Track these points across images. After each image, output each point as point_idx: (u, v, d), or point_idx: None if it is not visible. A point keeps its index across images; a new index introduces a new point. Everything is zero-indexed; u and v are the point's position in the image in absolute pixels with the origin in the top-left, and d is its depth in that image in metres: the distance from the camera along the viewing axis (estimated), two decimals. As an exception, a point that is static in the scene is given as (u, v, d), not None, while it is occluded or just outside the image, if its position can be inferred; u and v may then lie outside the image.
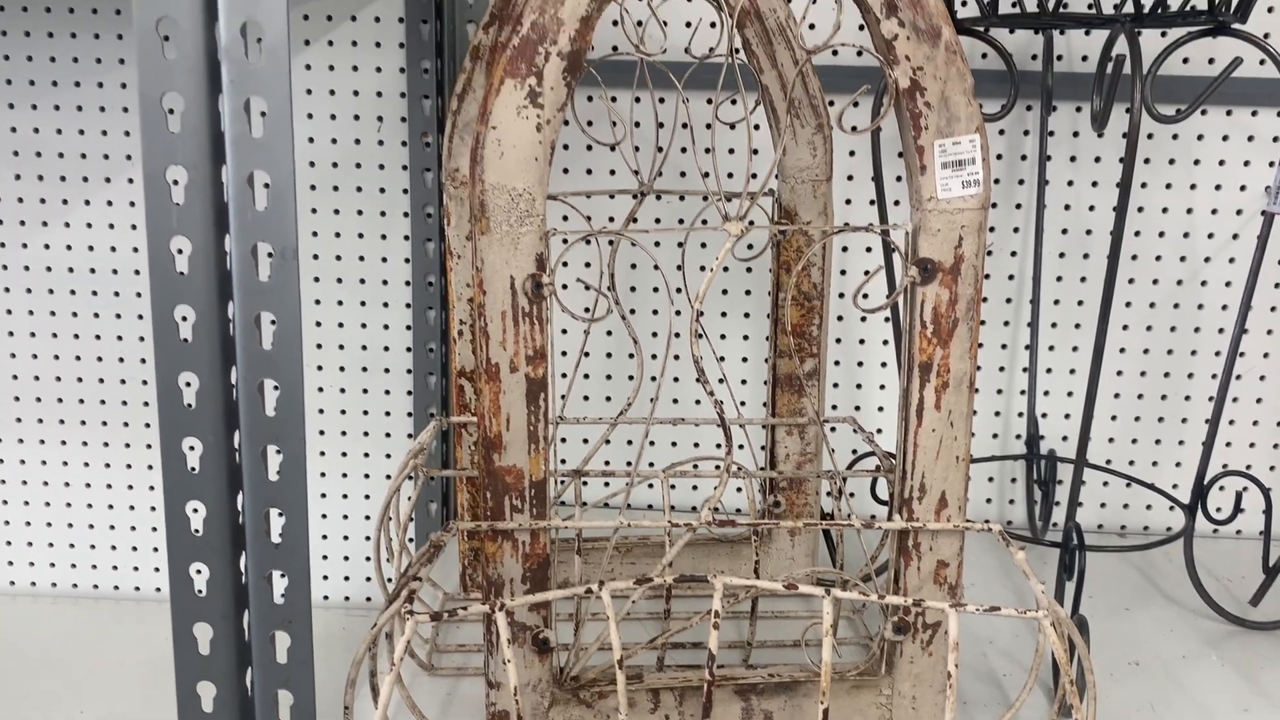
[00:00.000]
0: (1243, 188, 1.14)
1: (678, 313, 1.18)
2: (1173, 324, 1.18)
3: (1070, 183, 1.15)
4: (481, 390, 0.72)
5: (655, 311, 1.18)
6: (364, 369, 1.22)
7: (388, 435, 1.24)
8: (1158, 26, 0.84)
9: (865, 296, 1.14)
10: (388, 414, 1.23)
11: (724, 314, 1.18)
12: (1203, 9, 0.83)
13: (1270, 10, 1.10)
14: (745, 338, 1.20)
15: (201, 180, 0.58)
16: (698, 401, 1.21)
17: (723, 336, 1.19)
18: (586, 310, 1.11)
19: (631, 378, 1.20)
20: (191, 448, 0.61)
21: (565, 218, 1.15)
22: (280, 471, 0.62)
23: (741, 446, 1.17)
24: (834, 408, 1.20)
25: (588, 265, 1.18)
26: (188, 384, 0.60)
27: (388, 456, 1.25)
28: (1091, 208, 1.15)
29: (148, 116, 0.57)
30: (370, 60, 1.15)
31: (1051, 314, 1.18)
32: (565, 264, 1.17)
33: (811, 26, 1.11)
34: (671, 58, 1.10)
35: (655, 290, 1.17)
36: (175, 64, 0.56)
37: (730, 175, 1.14)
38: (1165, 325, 1.18)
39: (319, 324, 1.21)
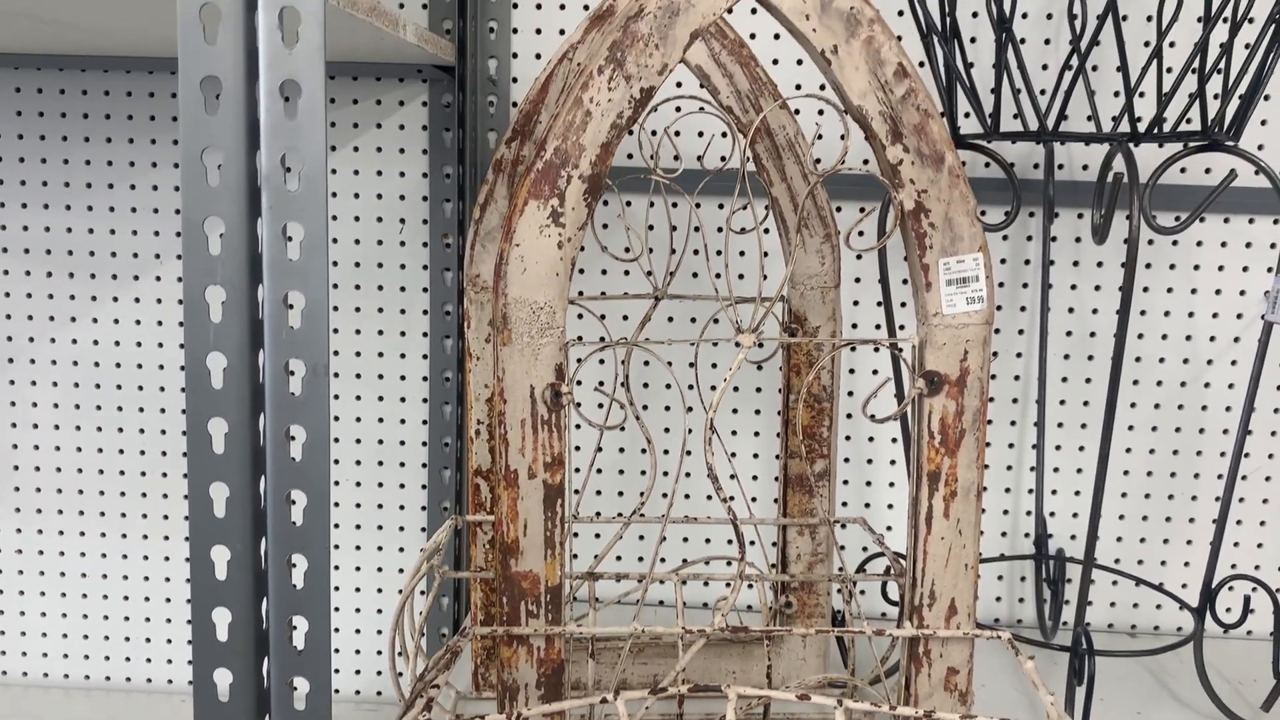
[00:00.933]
0: (1242, 292, 1.16)
1: (689, 409, 1.20)
2: (1177, 425, 1.19)
3: (1073, 286, 1.18)
4: (500, 496, 0.74)
5: (668, 408, 1.21)
6: (380, 463, 1.24)
7: (402, 529, 1.25)
8: (1153, 143, 0.87)
9: (874, 397, 1.16)
10: (402, 507, 1.25)
11: (735, 410, 1.21)
12: (1196, 129, 0.87)
13: (1264, 123, 1.13)
14: (756, 434, 1.22)
15: (238, 299, 0.61)
16: (709, 497, 1.23)
17: (734, 433, 1.21)
18: (600, 407, 1.13)
19: (644, 473, 1.22)
20: (219, 555, 0.62)
21: (580, 316, 1.18)
22: (305, 579, 0.63)
23: (753, 543, 1.18)
24: (844, 505, 1.22)
25: (602, 362, 1.20)
26: (218, 493, 0.62)
27: (401, 550, 1.26)
28: (1095, 311, 1.18)
29: (190, 239, 0.60)
30: (394, 165, 1.19)
31: (1058, 414, 1.20)
32: (579, 360, 1.20)
33: (819, 136, 1.15)
34: (686, 164, 1.14)
35: (668, 386, 1.20)
36: (218, 191, 0.60)
37: (742, 276, 1.17)
38: (1170, 426, 1.19)
39: (337, 418, 1.23)
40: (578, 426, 1.21)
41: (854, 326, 1.18)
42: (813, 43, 0.71)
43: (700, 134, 1.14)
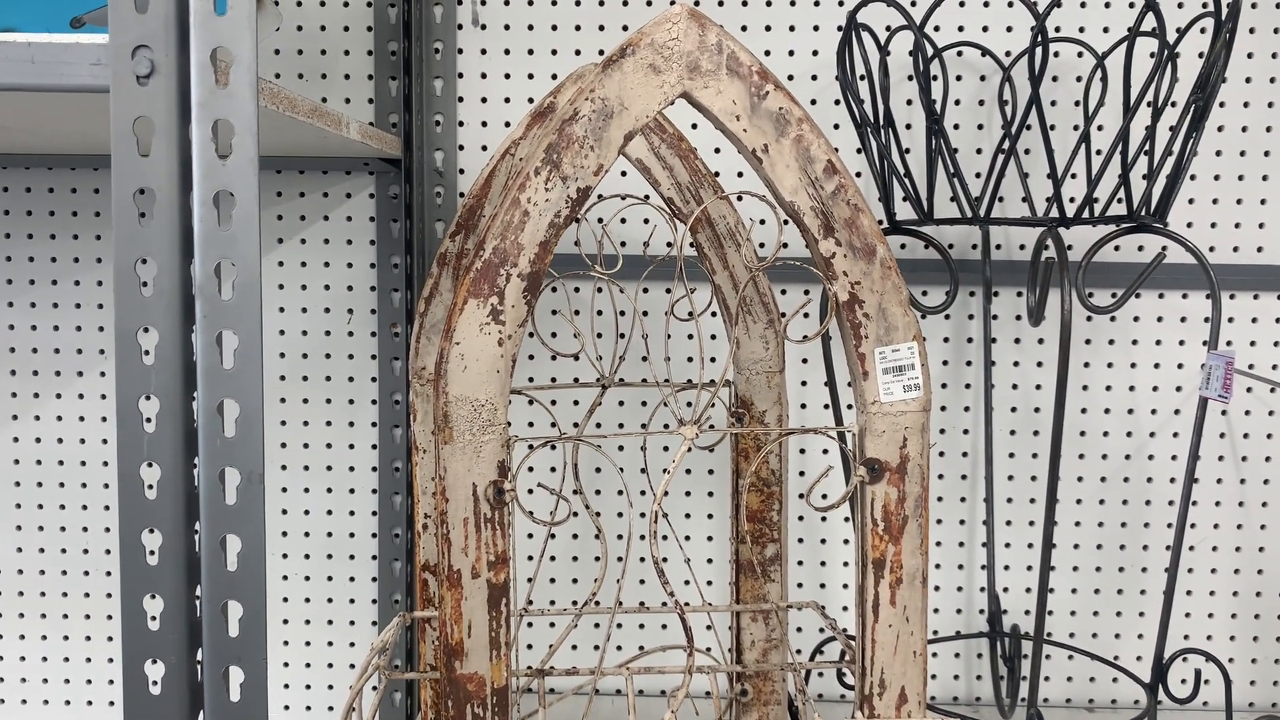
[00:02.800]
0: (1180, 365, 1.19)
1: (641, 493, 1.20)
2: (1124, 497, 1.21)
3: (1016, 363, 1.19)
4: (443, 597, 0.73)
5: (620, 492, 1.21)
6: (329, 555, 1.23)
7: (353, 623, 1.23)
8: (1082, 226, 0.89)
9: (818, 485, 1.16)
10: (353, 601, 1.23)
11: (688, 493, 1.21)
12: (1123, 213, 0.89)
13: (1191, 201, 1.17)
14: (710, 516, 1.22)
15: (172, 408, 0.60)
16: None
17: (687, 515, 1.21)
18: (552, 493, 1.13)
19: (598, 559, 1.21)
20: (153, 670, 0.61)
21: (531, 402, 1.18)
22: (242, 692, 0.62)
23: (709, 627, 1.17)
24: (799, 585, 1.22)
25: (553, 448, 1.20)
26: (152, 606, 0.61)
27: (352, 645, 1.24)
28: (1038, 386, 1.20)
29: (123, 349, 0.60)
30: (342, 257, 1.19)
31: (1006, 489, 1.21)
32: (530, 446, 1.20)
33: (762, 221, 1.17)
34: (631, 250, 1.15)
35: (621, 470, 1.20)
36: (151, 300, 0.60)
37: (690, 359, 1.18)
38: (1117, 499, 1.21)
39: (285, 510, 1.22)
40: (529, 535, 1.20)
41: (803, 407, 1.19)
42: (744, 142, 0.72)
43: (646, 220, 1.15)
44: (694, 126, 1.17)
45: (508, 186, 0.72)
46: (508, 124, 1.18)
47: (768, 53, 1.16)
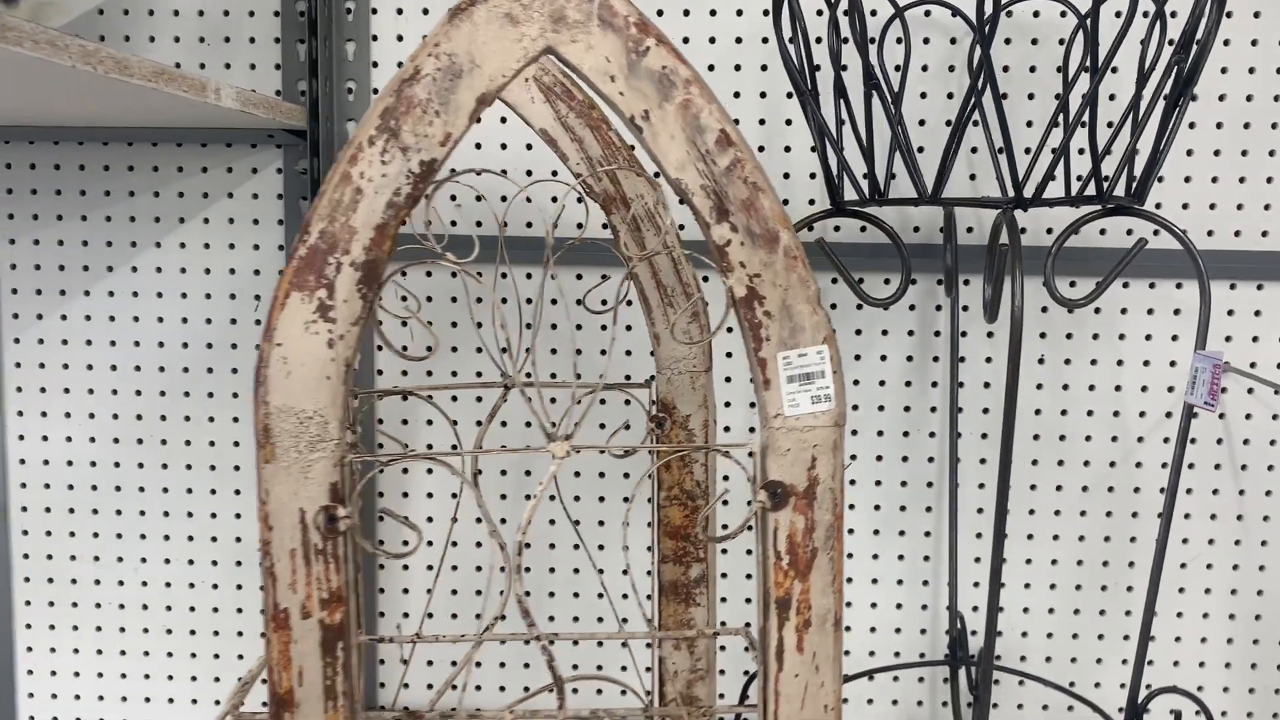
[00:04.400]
0: (1172, 363, 1.07)
1: (564, 501, 1.09)
2: (1108, 509, 1.09)
3: (989, 359, 1.08)
4: (269, 639, 0.63)
5: (503, 519, 1.10)
6: (238, 563, 1.13)
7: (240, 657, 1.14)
8: (1042, 207, 0.77)
9: (724, 527, 1.05)
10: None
11: (602, 498, 1.10)
12: (1091, 193, 0.77)
13: (1187, 180, 1.04)
14: (627, 547, 1.11)
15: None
16: (576, 619, 1.11)
17: (601, 522, 1.10)
18: (404, 520, 1.02)
19: (529, 592, 1.11)
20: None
21: (429, 396, 1.08)
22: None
23: (624, 646, 1.07)
24: (724, 624, 1.11)
25: (402, 469, 1.10)
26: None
27: (217, 680, 1.14)
28: (1013, 385, 1.08)
29: None
30: (248, 238, 1.09)
31: (977, 498, 1.09)
32: (381, 468, 1.10)
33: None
34: (536, 232, 1.04)
35: (528, 473, 1.09)
36: None
37: (603, 352, 1.07)
38: (1100, 510, 1.09)
39: (190, 514, 1.13)
40: (381, 567, 1.10)
41: (726, 405, 1.07)
42: (620, 107, 0.61)
43: (554, 199, 1.04)
44: (631, 95, 1.05)
45: (337, 160, 0.61)
46: (426, 92, 1.07)
47: (713, 12, 1.04)
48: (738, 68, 1.04)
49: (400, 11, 1.06)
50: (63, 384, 1.11)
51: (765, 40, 1.04)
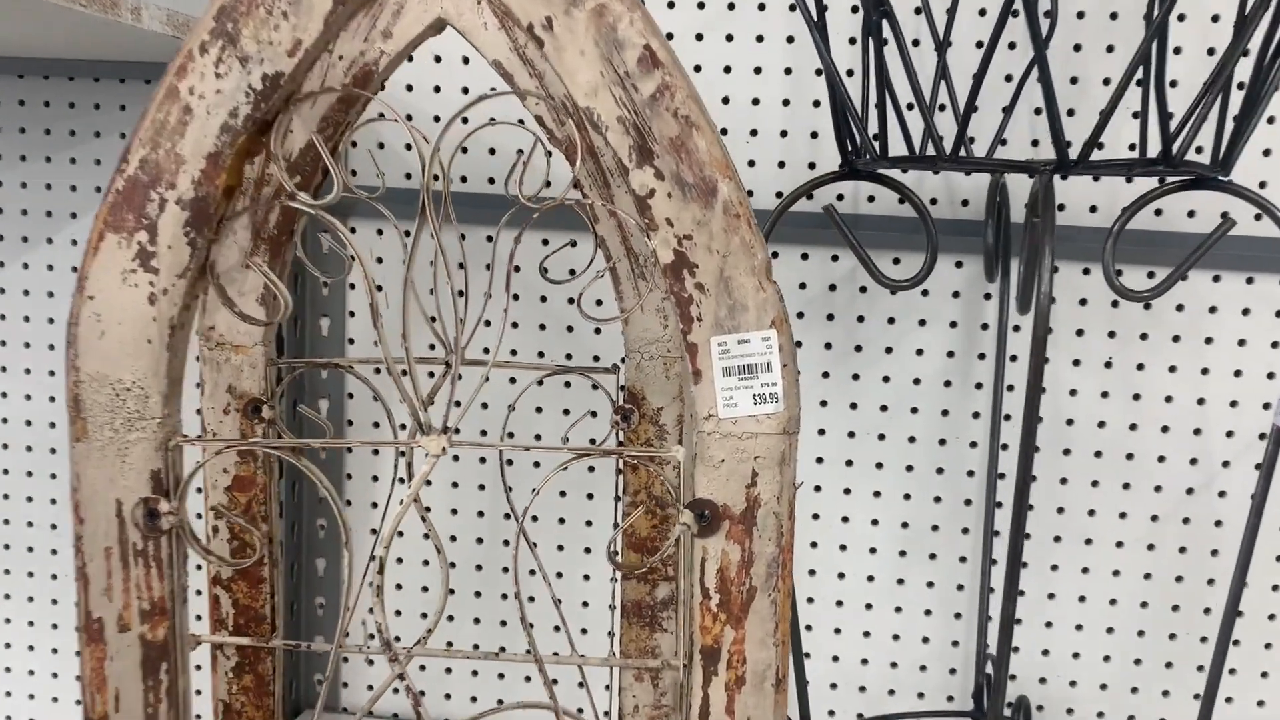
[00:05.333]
0: (1270, 375, 0.89)
1: (509, 542, 0.97)
2: (1181, 543, 0.92)
3: (1045, 360, 0.91)
4: (82, 653, 0.52)
5: (481, 513, 0.98)
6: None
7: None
8: (1094, 175, 0.61)
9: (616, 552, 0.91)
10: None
11: (563, 493, 0.97)
12: (1151, 156, 0.61)
13: (1266, 153, 0.86)
14: (588, 550, 0.98)
15: None
16: (532, 625, 0.99)
17: (562, 520, 0.97)
18: (227, 512, 0.91)
19: (480, 594, 0.99)
20: None
21: (351, 368, 0.96)
22: None
23: (582, 684, 0.94)
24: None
25: (402, 427, 0.98)
26: None
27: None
28: (1074, 392, 0.91)
29: None
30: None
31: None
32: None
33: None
34: (494, 190, 0.91)
35: (482, 482, 0.97)
36: None
37: (570, 329, 0.94)
38: (1171, 545, 0.92)
39: (54, 500, 1.03)
40: (198, 567, 0.99)
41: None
42: (514, 13, 0.48)
43: (520, 151, 0.91)
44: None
45: (165, 73, 0.49)
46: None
47: (734, -58, 0.90)
48: (761, 7, 0.89)
49: (385, -63, 0.94)
50: (23, 338, 1.03)
51: (794, -25, 0.89)
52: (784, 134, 0.90)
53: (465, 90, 0.93)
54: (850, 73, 0.89)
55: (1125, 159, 0.62)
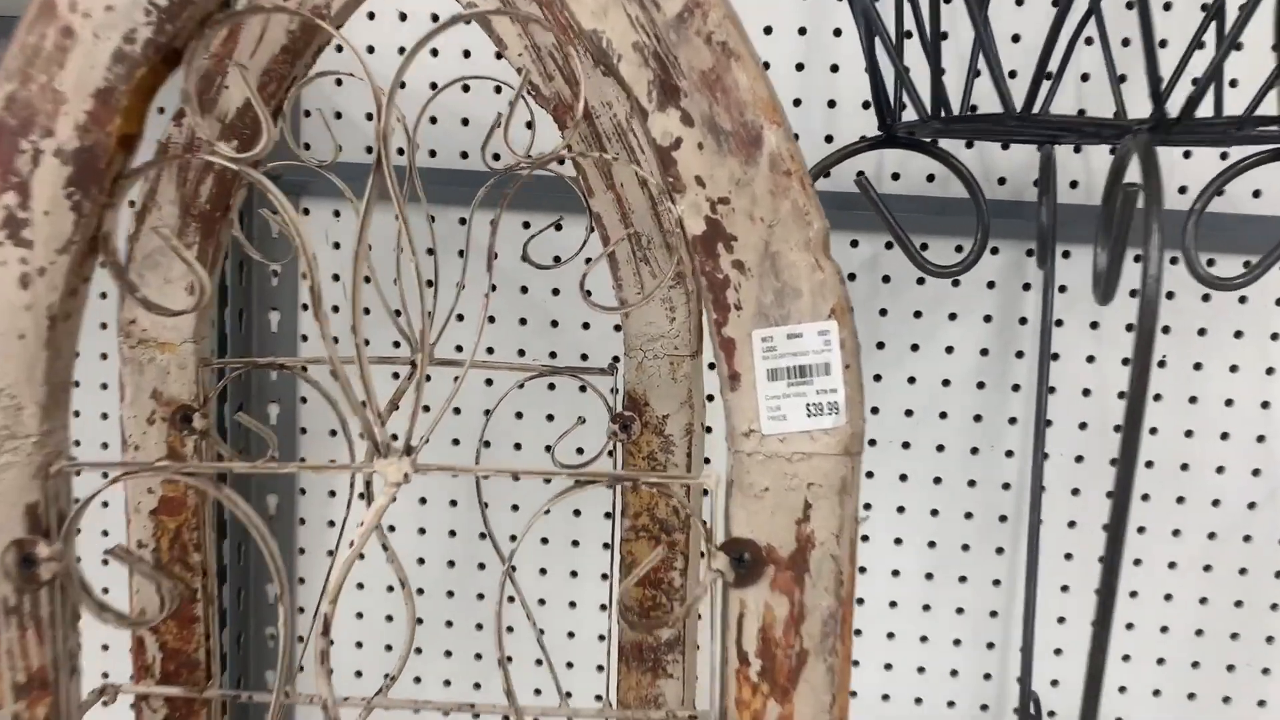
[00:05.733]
0: (1345, 376, 0.79)
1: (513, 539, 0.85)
2: (1242, 564, 0.82)
3: (1090, 358, 0.81)
4: (-63, 739, 0.40)
5: (453, 532, 0.86)
6: None
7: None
8: (1191, 142, 0.51)
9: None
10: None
11: (544, 539, 0.86)
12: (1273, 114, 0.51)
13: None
14: (574, 574, 0.87)
15: None
16: (510, 658, 0.88)
17: (545, 540, 0.86)
18: (124, 556, 0.80)
19: (451, 623, 0.88)
20: None
21: (304, 369, 0.85)
22: None
23: None
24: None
25: (363, 436, 0.86)
26: None
27: None
28: (1122, 394, 0.81)
29: None
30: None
31: (1064, 539, 0.83)
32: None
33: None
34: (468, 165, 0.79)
35: (454, 503, 0.85)
36: None
37: (554, 324, 0.82)
38: (1231, 565, 0.82)
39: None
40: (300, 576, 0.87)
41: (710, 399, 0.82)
42: (500, -94, 0.37)
43: (499, 115, 0.80)
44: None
45: (38, -19, 0.37)
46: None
47: (742, -117, 0.79)
48: (773, -43, 0.78)
49: (343, -123, 0.82)
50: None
51: (811, -79, 0.78)
52: (798, 103, 0.79)
53: (434, 53, 0.81)
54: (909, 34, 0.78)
55: (1235, 117, 0.51)
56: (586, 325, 0.82)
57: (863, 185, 0.61)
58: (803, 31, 0.79)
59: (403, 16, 0.81)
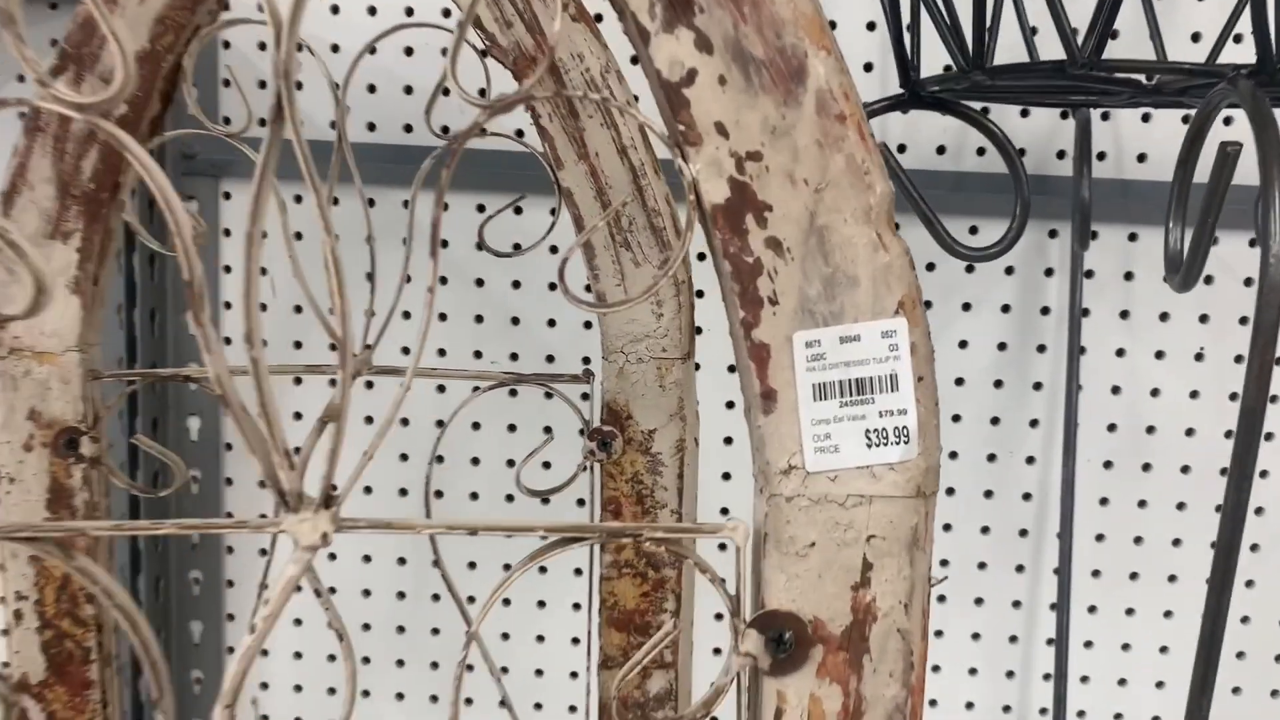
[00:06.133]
0: (1403, 368, 0.71)
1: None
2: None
3: (1120, 352, 0.72)
4: None
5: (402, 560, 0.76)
6: None
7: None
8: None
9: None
10: None
11: (507, 566, 0.75)
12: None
13: None
14: (542, 604, 0.77)
15: None
16: (502, 702, 0.78)
17: (507, 603, 0.76)
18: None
19: (403, 662, 0.77)
20: None
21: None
22: None
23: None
24: None
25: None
26: None
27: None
28: (1155, 391, 0.72)
29: None
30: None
31: (1094, 554, 0.74)
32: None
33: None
34: (420, 138, 0.69)
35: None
36: None
37: (515, 321, 0.72)
38: (1276, 581, 0.74)
39: None
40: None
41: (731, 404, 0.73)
42: None
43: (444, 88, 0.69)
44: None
45: None
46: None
47: None
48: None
49: None
50: None
51: None
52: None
53: (372, 11, 0.70)
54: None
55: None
56: (552, 323, 0.71)
57: (884, 155, 0.51)
58: (795, -16, 0.69)
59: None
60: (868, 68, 0.70)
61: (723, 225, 0.28)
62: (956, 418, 0.74)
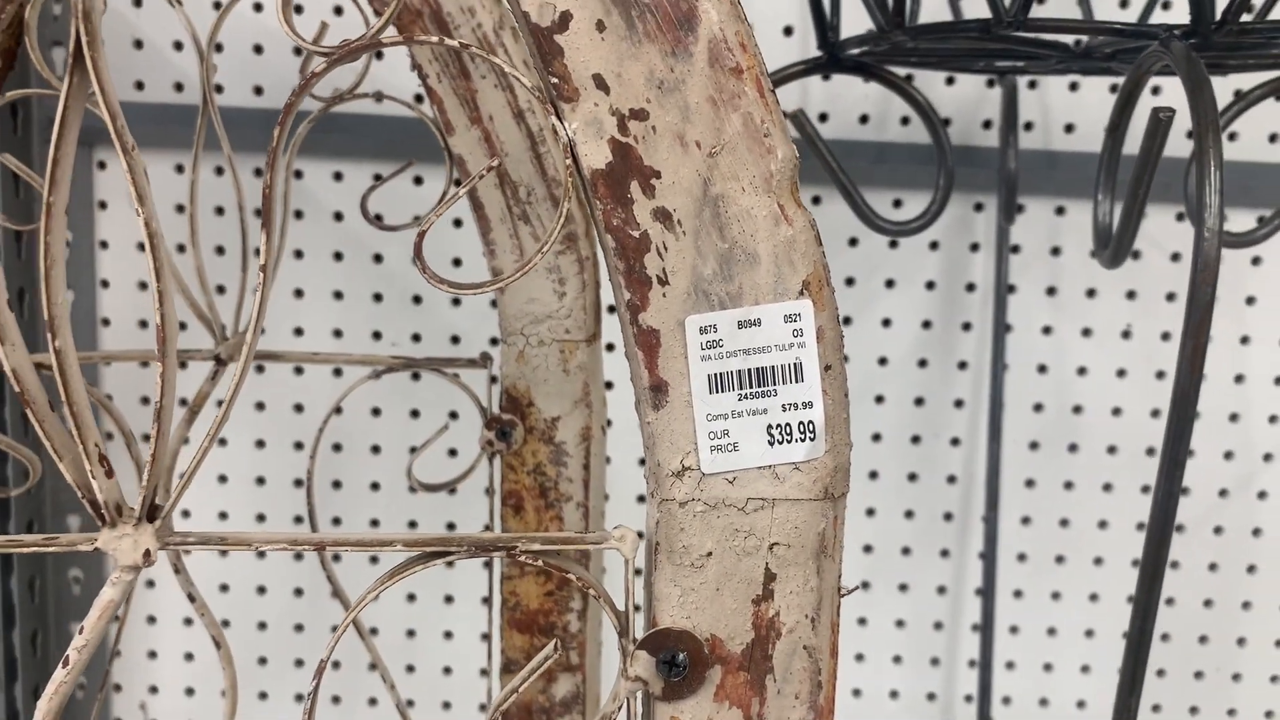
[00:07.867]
0: (1328, 345, 0.70)
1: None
2: (1212, 559, 0.72)
3: (1047, 329, 0.70)
4: None
5: (299, 556, 0.72)
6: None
7: None
8: (1238, 59, 0.39)
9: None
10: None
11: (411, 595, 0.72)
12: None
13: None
14: (449, 599, 0.73)
15: None
16: None
17: (412, 598, 0.72)
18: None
19: (302, 662, 0.73)
20: None
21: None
22: None
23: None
24: None
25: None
26: None
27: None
28: (1082, 370, 0.70)
29: None
30: None
31: (1020, 537, 0.73)
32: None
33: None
34: (265, 102, 0.64)
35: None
36: None
37: (417, 299, 0.68)
38: (1199, 560, 0.73)
39: None
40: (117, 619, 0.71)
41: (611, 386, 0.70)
42: None
43: (322, 53, 0.64)
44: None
45: None
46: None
47: None
48: None
49: None
50: None
51: None
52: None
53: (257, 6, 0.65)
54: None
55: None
56: (457, 302, 0.67)
57: (800, 122, 0.48)
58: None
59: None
60: (788, 31, 0.66)
61: (604, 194, 0.24)
62: (880, 399, 0.71)
